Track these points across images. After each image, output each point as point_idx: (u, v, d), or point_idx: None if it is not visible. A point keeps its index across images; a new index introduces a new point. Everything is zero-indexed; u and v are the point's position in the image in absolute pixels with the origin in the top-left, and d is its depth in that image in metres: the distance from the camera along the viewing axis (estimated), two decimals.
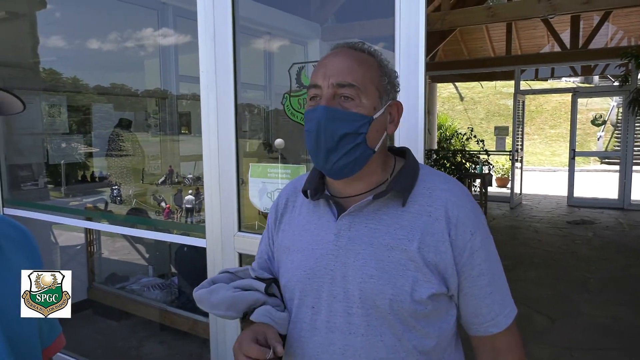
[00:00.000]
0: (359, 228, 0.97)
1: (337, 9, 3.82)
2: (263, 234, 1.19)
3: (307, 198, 1.06)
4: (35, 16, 3.46)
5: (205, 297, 1.00)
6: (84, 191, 4.02)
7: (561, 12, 5.37)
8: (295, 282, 1.01)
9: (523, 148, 9.23)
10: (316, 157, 0.97)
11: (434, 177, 1.02)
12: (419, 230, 0.94)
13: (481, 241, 0.96)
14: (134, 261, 4.27)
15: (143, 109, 4.72)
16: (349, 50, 0.97)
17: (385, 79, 0.97)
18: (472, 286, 0.96)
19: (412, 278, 0.92)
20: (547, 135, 18.11)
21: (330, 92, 0.93)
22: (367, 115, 0.94)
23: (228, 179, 2.10)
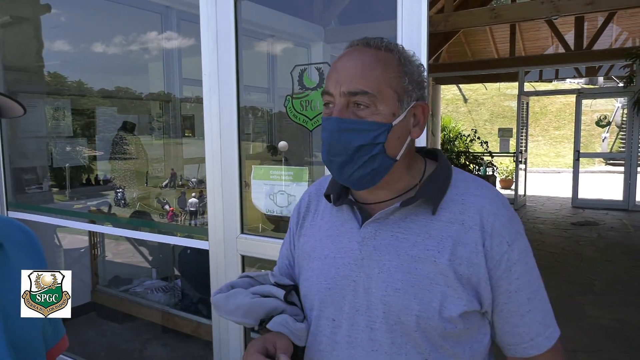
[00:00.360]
0: (384, 237, 0.90)
1: (340, 11, 3.83)
2: (285, 237, 1.14)
3: (330, 202, 1.00)
4: (40, 20, 3.49)
5: (222, 302, 0.96)
6: (88, 194, 4.03)
7: (565, 14, 5.37)
8: (315, 292, 0.95)
9: (527, 149, 9.20)
10: (330, 169, 0.91)
11: (468, 183, 0.93)
12: (450, 240, 0.86)
13: (519, 253, 0.87)
14: (138, 264, 4.28)
15: (147, 112, 4.74)
16: (363, 49, 0.88)
17: (406, 79, 0.87)
18: (509, 302, 0.88)
19: (441, 293, 0.84)
20: (552, 136, 18.06)
21: (343, 101, 0.86)
22: (385, 122, 0.86)
23: (231, 182, 2.10)
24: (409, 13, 1.67)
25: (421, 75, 0.91)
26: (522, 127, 8.95)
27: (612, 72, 11.47)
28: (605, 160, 15.65)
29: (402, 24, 1.68)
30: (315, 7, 3.71)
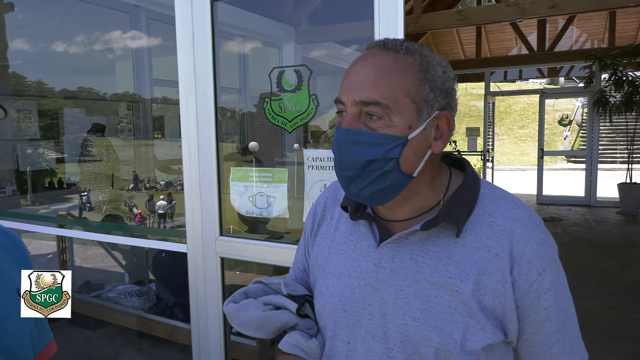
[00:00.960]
0: (403, 260, 0.83)
1: (311, 12, 3.85)
2: (300, 241, 1.08)
3: (347, 213, 0.92)
4: (4, 19, 3.37)
5: (233, 314, 0.92)
6: (52, 198, 3.92)
7: (529, 16, 5.55)
8: (329, 312, 0.89)
9: (494, 148, 9.45)
10: (340, 183, 0.84)
11: (497, 201, 0.83)
12: (474, 268, 0.78)
13: (550, 281, 0.79)
14: (108, 269, 4.19)
15: (114, 113, 4.65)
16: (380, 52, 0.79)
17: (427, 87, 0.78)
18: (535, 332, 0.81)
19: (463, 325, 0.77)
20: (516, 135, 18.59)
21: (354, 110, 0.78)
22: (399, 135, 0.77)
23: (209, 183, 2.09)
24: (385, 14, 1.70)
25: (448, 81, 0.81)
26: (489, 127, 9.19)
27: (572, 73, 11.92)
28: (567, 157, 16.22)
29: (379, 25, 1.72)
30: (285, 7, 3.71)
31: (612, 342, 3.41)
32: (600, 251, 5.86)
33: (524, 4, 5.36)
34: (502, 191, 0.87)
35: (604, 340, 3.46)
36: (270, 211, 2.08)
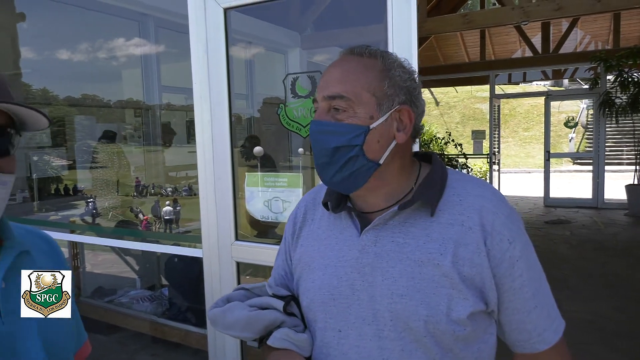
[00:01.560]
0: (385, 243, 0.89)
1: (316, 17, 3.88)
2: (280, 247, 1.12)
3: (328, 210, 0.99)
4: (17, 29, 3.41)
5: (219, 317, 0.95)
6: (58, 205, 3.95)
7: (534, 19, 5.55)
8: (319, 304, 0.93)
9: (500, 151, 9.44)
10: (317, 172, 0.93)
11: (465, 183, 0.93)
12: (451, 242, 0.86)
13: (521, 250, 0.87)
14: (119, 274, 4.22)
15: (122, 120, 4.68)
16: (346, 57, 0.91)
17: (386, 83, 0.88)
18: (514, 300, 0.88)
19: (447, 296, 0.84)
20: (521, 137, 18.55)
21: (324, 105, 0.88)
22: (361, 125, 0.86)
23: (224, 189, 2.11)
24: (398, 17, 1.72)
25: (408, 80, 0.90)
26: (495, 129, 9.19)
27: (576, 75, 11.89)
28: (572, 159, 16.17)
29: (393, 28, 1.73)
30: (291, 13, 3.74)
31: (621, 344, 3.41)
32: (609, 253, 5.84)
33: (528, 7, 5.37)
34: (467, 175, 0.98)
35: (613, 342, 3.45)
36: (286, 216, 2.10)
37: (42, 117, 0.82)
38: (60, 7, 3.88)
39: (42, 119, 0.83)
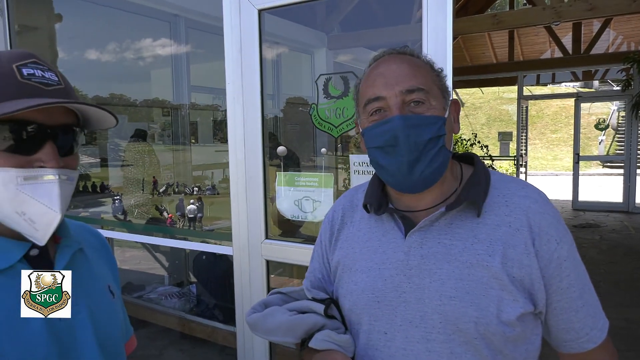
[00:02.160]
0: (431, 245, 0.88)
1: (343, 18, 3.88)
2: (314, 250, 1.10)
3: (368, 212, 0.98)
4: (55, 29, 3.51)
5: (259, 322, 0.94)
6: (86, 202, 4.03)
7: (566, 19, 5.45)
8: (363, 306, 0.92)
9: (527, 153, 9.27)
10: (396, 172, 0.88)
11: (509, 184, 0.93)
12: (499, 243, 0.85)
13: (568, 250, 0.87)
14: (147, 270, 4.30)
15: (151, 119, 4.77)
16: (400, 56, 0.92)
17: (442, 79, 0.93)
18: (562, 299, 0.88)
19: (497, 298, 0.83)
20: (549, 139, 18.20)
21: (399, 100, 0.86)
22: (440, 116, 0.88)
23: (255, 188, 2.13)
24: (434, 18, 1.70)
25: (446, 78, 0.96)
26: (522, 131, 9.03)
27: (607, 76, 11.60)
28: (602, 162, 15.79)
29: (428, 28, 1.71)
30: (318, 14, 3.75)
31: None
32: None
33: (560, 7, 5.27)
34: (509, 176, 0.97)
35: None
36: (316, 215, 2.11)
37: (109, 116, 0.85)
38: (95, 8, 3.98)
39: (109, 117, 0.85)
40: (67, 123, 0.81)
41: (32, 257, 0.82)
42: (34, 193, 0.76)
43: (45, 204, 0.77)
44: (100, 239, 1.04)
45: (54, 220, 0.78)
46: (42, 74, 0.78)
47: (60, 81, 0.81)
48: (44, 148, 0.77)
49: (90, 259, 0.93)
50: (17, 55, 0.79)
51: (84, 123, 0.87)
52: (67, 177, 0.80)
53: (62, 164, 0.79)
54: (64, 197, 0.79)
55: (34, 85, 0.76)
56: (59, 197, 0.77)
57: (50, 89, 0.78)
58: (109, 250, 1.04)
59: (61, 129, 0.80)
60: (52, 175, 0.77)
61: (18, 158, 0.76)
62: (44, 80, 0.78)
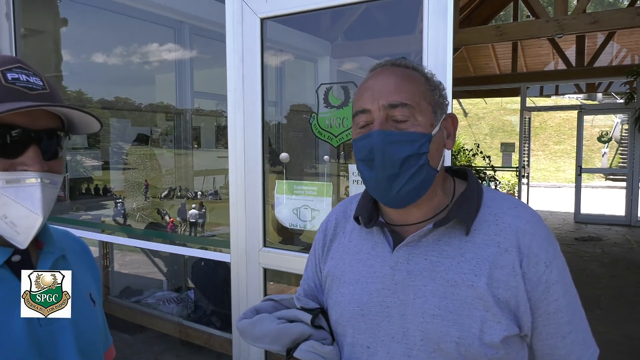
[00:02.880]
0: (418, 261, 0.87)
1: (347, 27, 3.89)
2: (309, 258, 1.11)
3: (360, 224, 0.97)
4: (60, 33, 3.54)
5: (248, 328, 0.94)
6: (88, 205, 4.03)
7: (569, 32, 5.45)
8: (348, 318, 0.92)
9: (530, 164, 9.26)
10: (376, 187, 0.87)
11: (501, 202, 0.91)
12: (486, 262, 0.84)
13: (558, 273, 0.85)
14: (146, 275, 4.29)
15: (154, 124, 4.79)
16: (392, 68, 0.90)
17: (437, 93, 0.90)
18: (548, 324, 0.85)
19: (480, 319, 0.81)
20: (552, 151, 18.17)
21: (382, 114, 0.85)
22: (425, 132, 0.85)
23: (254, 195, 2.13)
24: (435, 28, 1.70)
25: (444, 91, 0.93)
26: (525, 142, 9.03)
27: (611, 89, 11.60)
28: (605, 175, 15.74)
29: (429, 39, 1.71)
30: (322, 22, 3.77)
31: None
32: None
33: (564, 20, 5.28)
34: (503, 194, 0.95)
35: None
36: (315, 224, 2.10)
37: (94, 120, 0.85)
38: (100, 13, 4.01)
39: (94, 121, 0.85)
40: (51, 127, 0.81)
41: (14, 262, 0.82)
42: (17, 196, 0.76)
43: (28, 207, 0.77)
44: (83, 246, 1.04)
45: (35, 223, 0.78)
46: (26, 79, 0.79)
47: (45, 86, 0.81)
48: (28, 152, 0.78)
49: (73, 266, 0.92)
50: (2, 61, 0.79)
51: (69, 127, 0.87)
52: (50, 180, 0.80)
53: (46, 168, 0.79)
54: (47, 201, 0.79)
55: (18, 89, 0.77)
56: (41, 200, 0.77)
57: (35, 93, 0.78)
58: (91, 257, 1.04)
59: (45, 133, 0.80)
60: (34, 179, 0.77)
61: (1, 161, 0.76)
62: (29, 85, 0.78)
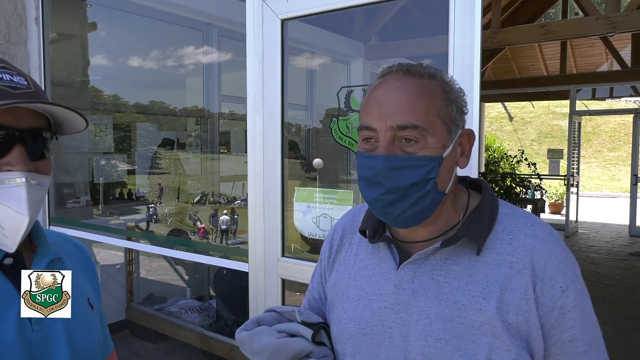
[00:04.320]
0: (424, 280, 0.82)
1: (381, 27, 3.74)
2: (315, 268, 1.07)
3: (366, 238, 0.92)
4: (87, 38, 3.56)
5: (247, 341, 0.91)
6: (121, 209, 4.05)
7: (621, 30, 5.06)
8: (348, 336, 0.88)
9: (579, 172, 8.74)
10: (376, 208, 0.82)
11: (517, 219, 0.84)
12: (497, 285, 0.78)
13: (575, 299, 0.78)
14: (171, 282, 4.27)
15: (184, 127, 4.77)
16: (405, 78, 0.81)
17: (454, 108, 0.81)
18: (562, 353, 0.78)
19: (487, 345, 0.75)
20: (606, 158, 17.26)
21: (389, 135, 0.78)
22: (435, 156, 0.78)
23: (273, 203, 2.05)
24: (461, 29, 1.58)
25: (463, 100, 0.84)
26: (574, 148, 8.54)
27: None
28: None
29: (455, 39, 1.59)
30: (355, 23, 3.65)
31: None
32: None
33: (615, 17, 4.90)
34: (520, 210, 0.88)
35: None
36: None
37: (79, 118, 0.83)
38: (129, 17, 4.02)
39: (79, 120, 0.84)
40: (36, 126, 0.81)
41: (6, 266, 0.82)
42: (2, 197, 0.76)
43: (13, 207, 0.76)
44: (83, 251, 1.04)
45: (22, 225, 0.77)
46: (10, 78, 0.78)
47: (30, 85, 0.80)
48: (12, 151, 0.77)
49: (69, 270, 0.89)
50: None
51: (56, 128, 0.86)
52: (36, 181, 0.79)
53: (32, 168, 0.79)
54: (33, 201, 0.78)
55: (0, 88, 0.76)
56: (26, 200, 0.77)
57: (18, 92, 0.77)
58: (91, 263, 1.04)
59: (30, 132, 0.80)
60: (19, 179, 0.77)
61: None
62: (12, 84, 0.78)
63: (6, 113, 0.76)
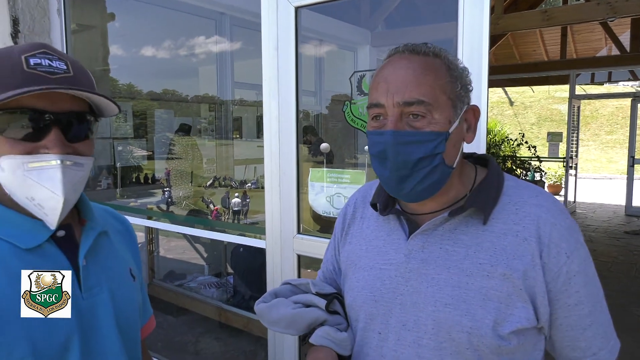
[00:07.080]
0: (432, 249, 0.86)
1: (387, 15, 3.85)
2: (330, 241, 1.12)
3: (377, 211, 0.96)
4: (107, 28, 3.69)
5: (265, 312, 0.97)
6: (138, 192, 4.20)
7: (622, 15, 5.17)
8: (361, 304, 0.92)
9: (578, 154, 8.88)
10: (388, 184, 0.86)
11: (522, 190, 0.87)
12: (504, 253, 0.81)
13: (579, 264, 0.82)
14: (189, 260, 4.45)
15: (197, 114, 4.92)
16: (411, 57, 0.84)
17: (458, 84, 0.84)
18: (569, 316, 0.83)
19: (495, 309, 0.79)
20: (603, 141, 17.35)
21: (397, 111, 0.81)
22: (442, 131, 0.81)
23: (288, 183, 2.16)
24: (470, 15, 1.68)
25: (468, 78, 0.87)
26: (573, 131, 8.67)
27: None
28: None
29: (464, 25, 1.69)
30: (362, 11, 3.73)
31: None
32: None
33: (616, 2, 5.00)
34: (525, 182, 0.91)
35: None
36: None
37: (112, 105, 0.87)
38: (144, 6, 4.14)
39: (112, 106, 0.88)
40: (73, 110, 0.83)
41: (59, 237, 0.86)
42: (39, 178, 0.78)
43: (50, 188, 0.79)
44: (125, 224, 1.09)
45: (57, 205, 0.80)
46: (49, 63, 0.80)
47: (69, 70, 0.82)
48: (49, 134, 0.79)
49: (114, 242, 0.97)
50: (28, 47, 0.81)
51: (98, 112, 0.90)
52: (72, 162, 0.81)
53: (69, 150, 0.81)
54: (69, 182, 0.80)
55: (38, 74, 0.78)
56: (61, 181, 0.79)
57: (56, 77, 0.80)
58: (133, 235, 1.09)
59: (66, 115, 0.81)
60: (54, 161, 0.79)
61: (25, 145, 0.79)
62: (50, 69, 0.80)
63: (43, 98, 0.78)
